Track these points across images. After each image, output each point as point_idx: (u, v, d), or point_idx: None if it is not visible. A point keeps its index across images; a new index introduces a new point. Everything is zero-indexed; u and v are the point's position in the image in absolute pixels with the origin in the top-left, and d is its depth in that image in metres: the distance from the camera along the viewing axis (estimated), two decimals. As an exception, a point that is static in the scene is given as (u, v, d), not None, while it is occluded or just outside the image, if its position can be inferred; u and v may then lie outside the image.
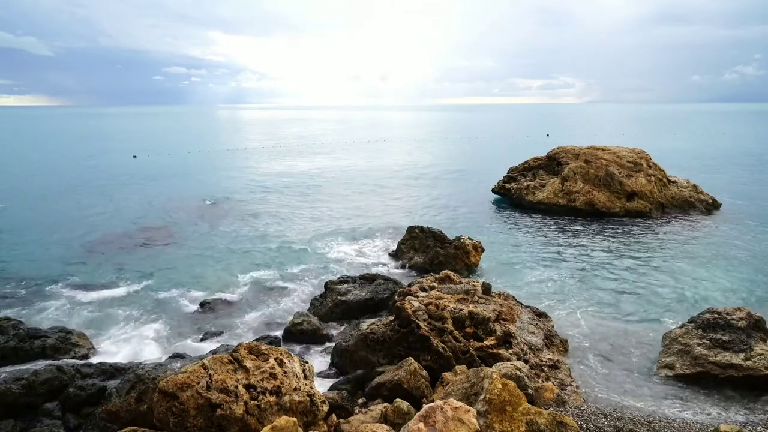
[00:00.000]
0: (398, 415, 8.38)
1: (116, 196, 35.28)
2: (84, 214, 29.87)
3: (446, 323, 11.99)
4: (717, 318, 12.17)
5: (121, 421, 9.24)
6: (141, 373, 10.11)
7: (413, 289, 14.05)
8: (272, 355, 9.00)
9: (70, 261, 21.34)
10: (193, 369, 8.25)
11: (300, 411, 8.30)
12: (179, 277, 19.36)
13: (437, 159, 58.98)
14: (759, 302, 16.01)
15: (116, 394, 10.09)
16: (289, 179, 43.33)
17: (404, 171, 48.31)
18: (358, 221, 28.15)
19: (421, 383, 10.18)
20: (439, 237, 20.83)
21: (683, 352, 11.81)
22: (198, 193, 36.12)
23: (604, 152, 30.16)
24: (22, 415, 10.39)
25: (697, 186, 29.99)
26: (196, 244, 23.74)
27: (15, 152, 70.05)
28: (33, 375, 10.89)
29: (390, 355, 11.82)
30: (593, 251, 21.68)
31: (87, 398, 10.76)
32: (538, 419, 7.40)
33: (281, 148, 72.93)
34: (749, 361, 10.98)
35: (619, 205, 27.58)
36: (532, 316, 13.82)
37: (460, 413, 7.01)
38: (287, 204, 33.04)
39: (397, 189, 38.26)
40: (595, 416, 8.91)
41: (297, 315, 15.05)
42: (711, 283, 17.90)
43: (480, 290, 14.13)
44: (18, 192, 37.38)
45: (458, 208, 31.20)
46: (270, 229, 26.67)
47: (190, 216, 29.46)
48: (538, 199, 29.29)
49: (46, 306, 16.71)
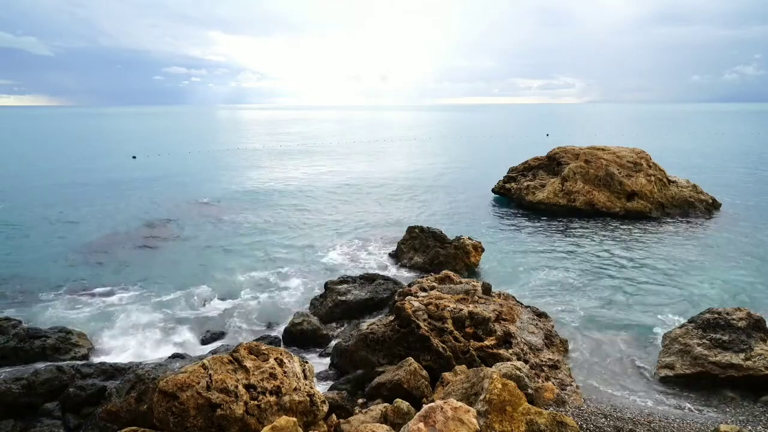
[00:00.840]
0: (398, 415, 8.38)
1: (116, 196, 35.27)
2: (83, 214, 29.86)
3: (446, 323, 11.99)
4: (717, 318, 12.17)
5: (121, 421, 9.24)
6: (141, 373, 10.11)
7: (413, 289, 14.05)
8: (272, 355, 9.00)
9: (69, 261, 21.35)
10: (193, 369, 8.25)
11: (300, 411, 8.30)
12: (179, 277, 19.36)
13: (437, 159, 58.97)
14: (759, 302, 16.01)
15: (116, 394, 10.10)
16: (288, 179, 43.33)
17: (404, 171, 48.30)
18: (358, 221, 28.15)
19: (421, 383, 10.17)
20: (439, 237, 20.83)
21: (683, 352, 11.81)
22: (197, 193, 36.12)
23: (604, 152, 30.16)
24: (22, 415, 10.39)
25: (697, 186, 29.98)
26: (196, 244, 23.74)
27: (15, 152, 70.03)
28: (33, 375, 10.89)
29: (390, 355, 11.81)
30: (593, 251, 21.68)
31: (87, 398, 10.76)
32: (538, 419, 7.40)
33: (281, 148, 72.94)
34: (749, 361, 10.97)
35: (619, 205, 27.58)
36: (532, 316, 13.82)
37: (460, 413, 7.01)
38: (287, 204, 33.03)
39: (396, 189, 38.25)
40: (595, 416, 8.91)
41: (297, 315, 15.05)
42: (711, 283, 17.90)
43: (480, 290, 14.13)
44: (18, 192, 37.37)
45: (458, 208, 31.19)
46: (270, 229, 26.67)
47: (189, 216, 29.46)
48: (538, 199, 29.28)
49: (46, 306, 16.70)
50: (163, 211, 30.77)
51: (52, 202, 33.72)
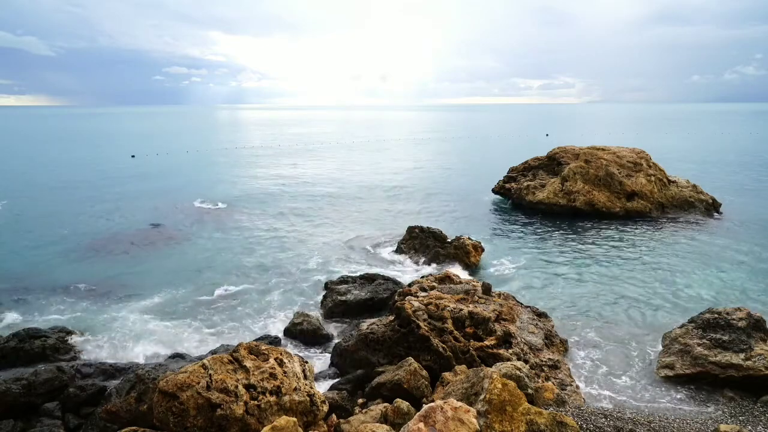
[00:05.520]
0: (398, 415, 8.38)
1: (115, 196, 35.27)
2: (82, 214, 29.87)
3: (446, 323, 11.99)
4: (717, 318, 12.17)
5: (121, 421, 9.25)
6: (141, 373, 10.11)
7: (413, 289, 14.05)
8: (272, 355, 9.00)
9: (69, 261, 21.35)
10: (193, 369, 8.25)
11: (300, 411, 8.30)
12: (179, 276, 19.35)
13: (437, 159, 58.99)
14: (759, 302, 16.01)
15: (116, 394, 10.09)
16: (288, 179, 43.32)
17: (404, 171, 48.32)
18: (358, 221, 28.15)
19: (421, 383, 10.18)
20: (439, 237, 20.83)
21: (683, 352, 11.81)
22: (197, 193, 36.10)
23: (604, 152, 30.15)
24: (22, 415, 10.40)
25: (697, 186, 29.98)
26: (196, 244, 23.74)
27: (14, 152, 70.04)
28: (33, 375, 10.89)
29: (390, 355, 11.82)
30: (593, 251, 21.68)
31: (87, 398, 10.77)
32: (538, 419, 7.40)
33: (280, 148, 72.94)
34: (749, 361, 10.97)
35: (619, 205, 27.58)
36: (532, 316, 13.82)
37: (460, 413, 7.01)
38: (287, 204, 33.02)
39: (396, 189, 38.25)
40: (595, 416, 8.90)
41: (297, 315, 15.05)
42: (711, 283, 17.90)
43: (480, 290, 14.13)
44: (17, 192, 37.37)
45: (458, 208, 31.19)
46: (269, 229, 26.66)
47: (189, 216, 29.46)
48: (538, 199, 29.28)
49: (46, 306, 16.71)
50: (162, 210, 30.76)
51: (52, 201, 33.74)
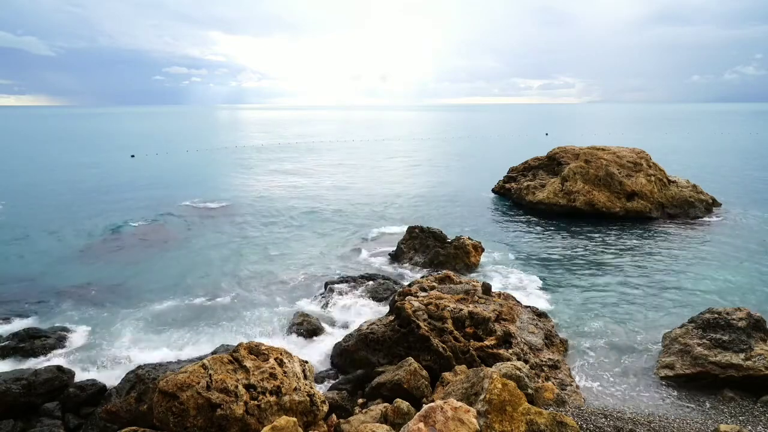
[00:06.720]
0: (398, 415, 8.38)
1: (115, 196, 35.26)
2: (82, 214, 29.84)
3: (446, 323, 12.00)
4: (717, 318, 12.17)
5: (121, 421, 9.25)
6: (141, 373, 10.11)
7: (413, 289, 14.05)
8: (272, 355, 9.00)
9: (68, 261, 21.35)
10: (193, 369, 8.26)
11: (300, 411, 8.30)
12: (178, 276, 19.35)
13: (437, 159, 58.99)
14: (759, 302, 16.00)
15: (116, 394, 10.10)
16: (288, 179, 43.32)
17: (404, 171, 48.32)
18: (357, 221, 28.14)
19: (421, 383, 10.18)
20: (439, 237, 20.82)
21: (683, 352, 11.81)
22: (197, 193, 36.10)
23: (604, 152, 30.15)
24: (22, 415, 10.40)
25: (697, 186, 29.98)
26: (196, 244, 23.73)
27: (14, 152, 70.03)
28: (33, 375, 10.90)
29: (390, 355, 11.82)
30: (593, 251, 21.69)
31: (87, 398, 10.77)
32: (538, 419, 7.40)
33: (280, 147, 72.93)
34: (749, 361, 10.97)
35: (619, 205, 27.58)
36: (532, 316, 13.82)
37: (460, 413, 7.01)
38: (287, 204, 33.02)
39: (396, 188, 38.24)
40: (595, 416, 8.90)
41: (297, 315, 15.06)
42: (711, 283, 17.90)
43: (480, 290, 14.13)
44: (17, 192, 37.36)
45: (458, 208, 31.18)
46: (269, 228, 26.66)
47: (189, 215, 29.45)
48: (538, 199, 29.28)
49: (46, 306, 16.69)
50: (161, 210, 30.74)
51: (52, 201, 33.72)
